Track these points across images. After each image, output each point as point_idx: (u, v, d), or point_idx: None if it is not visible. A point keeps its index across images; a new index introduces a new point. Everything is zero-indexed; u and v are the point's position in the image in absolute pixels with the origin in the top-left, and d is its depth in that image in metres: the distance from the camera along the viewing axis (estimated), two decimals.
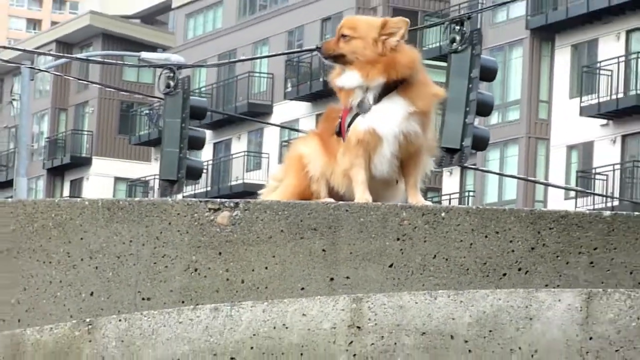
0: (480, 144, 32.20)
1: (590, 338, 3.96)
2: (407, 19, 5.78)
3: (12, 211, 5.03)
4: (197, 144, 36.13)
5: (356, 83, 5.12)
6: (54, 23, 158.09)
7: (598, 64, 68.39)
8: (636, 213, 5.74)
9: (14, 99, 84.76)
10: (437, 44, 68.01)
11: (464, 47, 30.32)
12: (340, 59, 5.32)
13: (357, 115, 5.16)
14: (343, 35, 5.36)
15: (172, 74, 35.95)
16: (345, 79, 5.19)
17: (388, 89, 5.42)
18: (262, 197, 5.39)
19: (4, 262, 4.84)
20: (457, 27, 30.62)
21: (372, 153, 5.25)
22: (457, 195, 69.79)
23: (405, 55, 5.29)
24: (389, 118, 5.28)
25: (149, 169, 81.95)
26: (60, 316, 4.41)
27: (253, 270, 4.43)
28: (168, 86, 35.61)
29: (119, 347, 4.06)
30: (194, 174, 35.44)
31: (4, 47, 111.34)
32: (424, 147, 5.51)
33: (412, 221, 4.44)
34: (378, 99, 5.34)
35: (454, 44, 31.00)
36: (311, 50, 70.95)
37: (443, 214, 4.57)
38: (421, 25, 60.00)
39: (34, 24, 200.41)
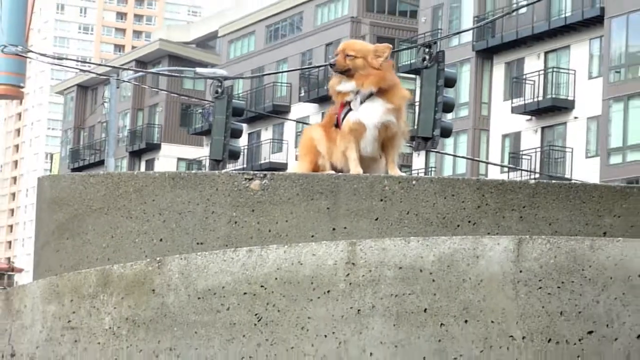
0: (446, 133, 33.50)
1: (520, 271, 3.94)
2: (390, 45, 5.88)
3: (104, 181, 5.01)
4: (236, 134, 36.56)
5: (353, 89, 5.18)
6: (133, 47, 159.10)
7: (524, 76, 68.13)
8: (553, 181, 5.70)
9: (105, 102, 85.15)
10: (408, 62, 68.12)
11: (432, 64, 31.22)
12: (346, 72, 5.31)
13: (349, 110, 5.23)
14: (348, 55, 5.41)
15: (219, 84, 36.25)
16: (347, 85, 5.26)
17: (372, 93, 5.57)
18: (290, 168, 5.54)
19: (98, 218, 4.83)
20: (427, 50, 31.56)
21: (360, 138, 5.32)
22: (423, 170, 69.90)
23: (388, 71, 5.37)
24: (372, 113, 5.34)
25: (201, 152, 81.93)
26: (137, 256, 4.40)
27: (277, 222, 4.43)
28: (216, 92, 36.07)
29: (180, 278, 4.05)
30: (234, 155, 35.74)
31: (98, 64, 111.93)
32: (398, 134, 5.52)
33: (391, 187, 4.44)
34: (365, 99, 5.39)
35: (425, 61, 31.92)
36: (319, 67, 70.66)
37: (414, 182, 4.58)
38: (397, 48, 59.97)
39: (119, 48, 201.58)
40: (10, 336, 4.43)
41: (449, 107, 33.60)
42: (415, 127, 31.28)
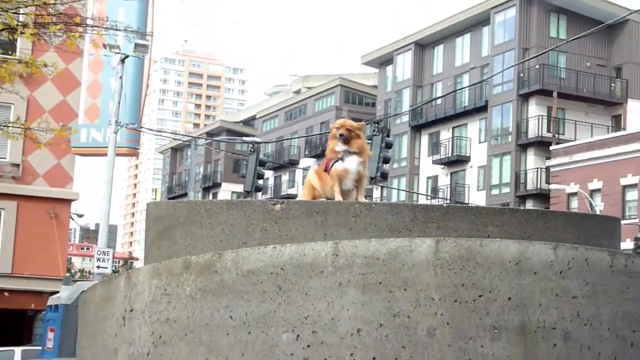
0: (384, 176, 34.31)
1: (438, 259, 3.92)
2: (365, 123, 5.93)
3: (186, 205, 5.06)
4: (261, 176, 36.77)
5: (346, 149, 5.15)
6: (205, 124, 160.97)
7: (440, 141, 67.86)
8: (457, 205, 5.66)
9: (187, 158, 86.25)
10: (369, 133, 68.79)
11: (378, 134, 31.40)
12: (346, 140, 5.21)
13: (336, 161, 5.21)
14: (348, 129, 5.34)
15: (252, 147, 36.11)
16: (342, 147, 5.21)
17: (354, 153, 5.43)
18: (299, 197, 5.56)
19: (182, 228, 4.83)
20: (376, 125, 31.99)
21: (343, 178, 5.22)
22: (379, 198, 69.78)
23: (363, 139, 5.38)
24: (353, 164, 5.22)
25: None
26: (206, 251, 4.39)
27: (290, 230, 4.42)
28: (250, 151, 35.89)
29: (232, 264, 4.04)
30: (258, 189, 35.77)
31: (183, 135, 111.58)
32: (364, 177, 5.42)
33: (359, 208, 4.43)
34: (347, 155, 5.27)
35: (375, 132, 32.07)
36: (322, 134, 70.29)
37: (373, 205, 4.58)
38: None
39: (196, 125, 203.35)
40: (130, 299, 4.42)
41: (387, 160, 34.27)
42: (369, 173, 31.04)
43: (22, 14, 14.02)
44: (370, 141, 32.39)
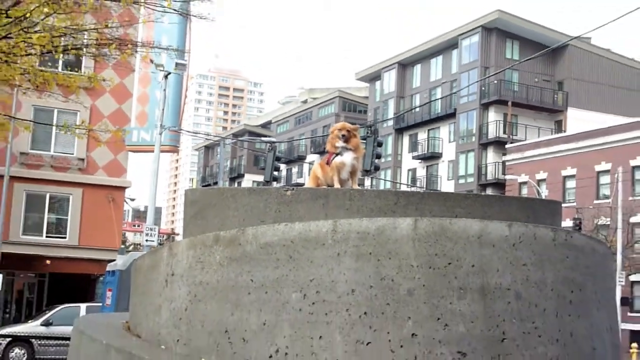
0: (377, 168, 34.06)
1: (416, 234, 3.91)
2: (359, 126, 5.91)
3: (216, 191, 5.01)
4: (277, 169, 36.51)
5: (345, 146, 5.13)
6: (231, 128, 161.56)
7: (418, 141, 67.72)
8: (431, 191, 5.60)
9: (217, 154, 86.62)
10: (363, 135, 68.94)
11: (371, 135, 31.24)
12: (346, 139, 5.18)
13: (336, 155, 5.17)
14: (347, 131, 5.29)
15: (270, 145, 36.10)
16: (342, 144, 5.19)
17: (350, 149, 5.41)
18: (305, 185, 5.54)
19: (213, 209, 4.81)
20: (369, 128, 32.11)
21: (341, 170, 5.18)
22: (369, 186, 69.88)
23: (358, 139, 5.34)
24: (349, 158, 5.18)
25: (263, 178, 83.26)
26: (232, 227, 4.38)
27: (299, 211, 4.38)
28: (269, 149, 35.77)
29: (253, 238, 4.03)
30: (275, 179, 35.52)
31: (214, 136, 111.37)
32: (358, 169, 5.39)
33: (353, 194, 4.41)
34: (344, 151, 5.27)
35: (367, 134, 31.95)
36: (324, 136, 69.97)
37: (364, 191, 4.54)
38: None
39: (225, 128, 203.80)
40: (171, 265, 4.40)
41: (379, 156, 34.17)
42: (363, 165, 30.76)
43: (86, 38, 13.99)
44: (364, 141, 32.64)
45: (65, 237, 34.86)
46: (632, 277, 49.05)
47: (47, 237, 34.70)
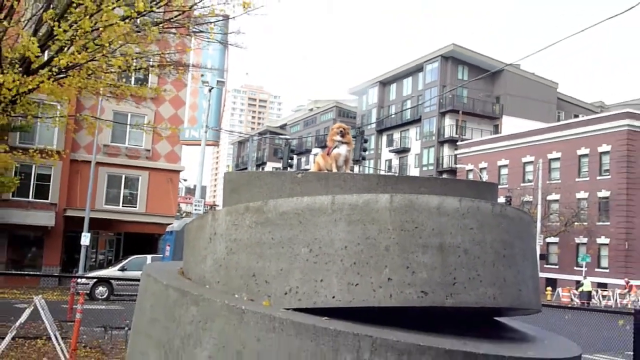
0: (363, 158, 33.91)
1: (392, 205, 3.89)
2: (351, 127, 5.87)
3: (246, 174, 4.95)
4: (291, 159, 36.04)
5: (341, 140, 5.03)
6: (257, 128, 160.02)
7: (393, 140, 67.64)
8: (403, 176, 5.56)
9: (247, 148, 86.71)
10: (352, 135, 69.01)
11: (359, 134, 31.09)
12: (342, 135, 5.06)
13: (334, 148, 5.13)
14: (343, 130, 5.12)
15: (286, 141, 35.91)
16: (339, 138, 5.07)
17: (345, 143, 5.32)
18: (311, 170, 5.49)
19: (244, 187, 4.76)
20: (358, 129, 32.00)
21: (337, 159, 5.09)
22: (358, 171, 70.15)
23: (350, 136, 5.28)
24: (342, 150, 5.06)
25: (280, 165, 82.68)
26: (258, 200, 4.38)
27: (306, 189, 4.32)
28: (285, 145, 35.47)
29: (273, 208, 4.01)
30: (290, 166, 35.38)
31: (245, 134, 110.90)
32: (350, 158, 5.32)
33: (346, 177, 4.39)
34: (340, 145, 5.19)
35: (357, 133, 31.71)
36: (325, 134, 69.63)
37: (354, 175, 4.52)
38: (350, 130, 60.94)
39: (253, 129, 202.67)
40: (214, 227, 4.39)
41: (364, 150, 34.03)
42: (353, 156, 30.40)
43: (151, 61, 13.95)
44: (355, 138, 32.68)
45: (135, 207, 34.89)
46: (548, 240, 49.18)
47: (122, 206, 34.72)
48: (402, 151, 68.04)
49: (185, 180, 67.77)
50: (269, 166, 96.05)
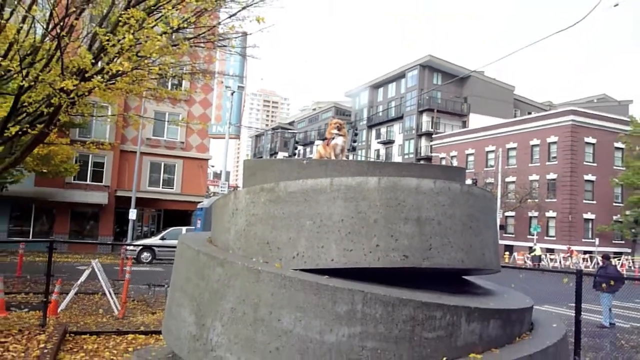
0: (354, 149, 33.52)
1: (381, 186, 3.87)
2: (346, 122, 5.75)
3: (261, 161, 4.93)
4: (296, 148, 35.79)
5: (338, 133, 4.95)
6: (271, 124, 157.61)
7: (380, 133, 67.27)
8: (388, 162, 5.53)
9: (262, 140, 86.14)
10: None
11: (351, 129, 30.75)
12: (339, 128, 4.99)
13: (332, 139, 5.06)
14: (339, 124, 4.98)
15: (292, 135, 35.66)
16: (336, 132, 4.92)
17: (341, 135, 5.22)
18: (313, 157, 5.41)
19: (260, 171, 4.66)
20: (352, 124, 31.74)
21: (335, 148, 4.95)
22: (352, 159, 69.88)
23: (345, 130, 5.20)
24: (339, 141, 4.91)
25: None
26: (271, 182, 4.35)
27: (310, 173, 4.30)
28: (292, 137, 35.25)
29: (283, 189, 3.99)
30: (295, 154, 35.10)
31: (259, 129, 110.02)
32: (345, 148, 5.27)
33: (342, 163, 4.35)
34: (337, 137, 5.11)
35: (350, 128, 31.48)
36: (324, 130, 69.39)
37: (349, 162, 4.48)
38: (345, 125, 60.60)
39: (267, 124, 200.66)
40: (235, 204, 4.36)
41: (355, 141, 33.72)
42: (348, 146, 29.89)
43: (184, 69, 13.88)
44: (350, 131, 32.51)
45: (173, 188, 34.87)
46: (506, 213, 49.12)
47: (162, 188, 34.72)
48: (388, 142, 67.80)
49: (212, 166, 67.75)
50: (280, 155, 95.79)
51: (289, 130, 66.61)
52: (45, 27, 9.81)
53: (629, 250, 44.31)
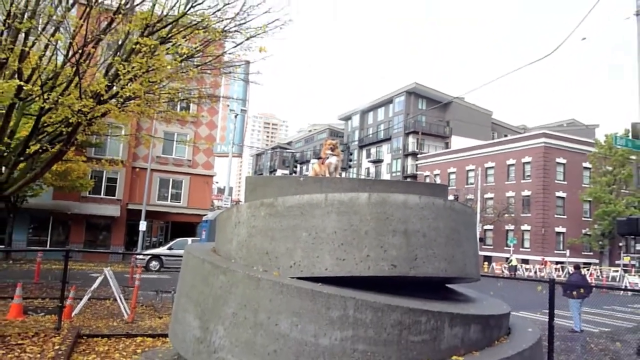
0: (349, 167, 33.15)
1: (371, 201, 3.86)
2: (339, 142, 5.70)
3: (262, 178, 4.89)
4: (295, 167, 35.52)
5: (332, 153, 4.95)
6: (271, 144, 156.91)
7: (370, 153, 67.24)
8: (378, 179, 5.50)
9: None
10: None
11: (345, 149, 30.57)
12: (332, 149, 4.96)
13: (327, 158, 5.03)
14: (333, 144, 4.96)
15: (291, 154, 35.55)
16: (330, 152, 4.90)
17: (334, 154, 5.19)
18: (309, 174, 5.36)
19: (261, 187, 4.66)
20: (345, 145, 31.75)
21: (329, 167, 4.92)
22: (344, 176, 69.70)
23: (339, 149, 5.17)
24: (333, 160, 4.89)
25: (286, 172, 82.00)
26: (270, 197, 4.33)
27: (306, 189, 4.31)
28: (291, 157, 35.02)
29: (281, 203, 3.98)
30: (295, 172, 34.73)
31: (261, 149, 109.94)
32: (339, 166, 5.21)
33: (336, 179, 4.36)
34: (331, 156, 5.09)
35: (344, 148, 31.27)
36: (319, 150, 69.16)
37: (342, 179, 4.49)
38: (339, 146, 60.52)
39: (268, 144, 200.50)
40: (237, 217, 4.33)
41: (350, 160, 33.40)
42: (341, 164, 29.68)
43: (192, 94, 13.91)
44: (343, 152, 32.53)
45: (180, 202, 34.71)
46: (485, 227, 49.15)
47: (170, 202, 34.55)
48: (377, 162, 67.93)
49: (217, 182, 67.57)
50: (279, 172, 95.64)
51: (287, 150, 66.73)
52: (65, 54, 9.83)
53: (597, 261, 44.42)
